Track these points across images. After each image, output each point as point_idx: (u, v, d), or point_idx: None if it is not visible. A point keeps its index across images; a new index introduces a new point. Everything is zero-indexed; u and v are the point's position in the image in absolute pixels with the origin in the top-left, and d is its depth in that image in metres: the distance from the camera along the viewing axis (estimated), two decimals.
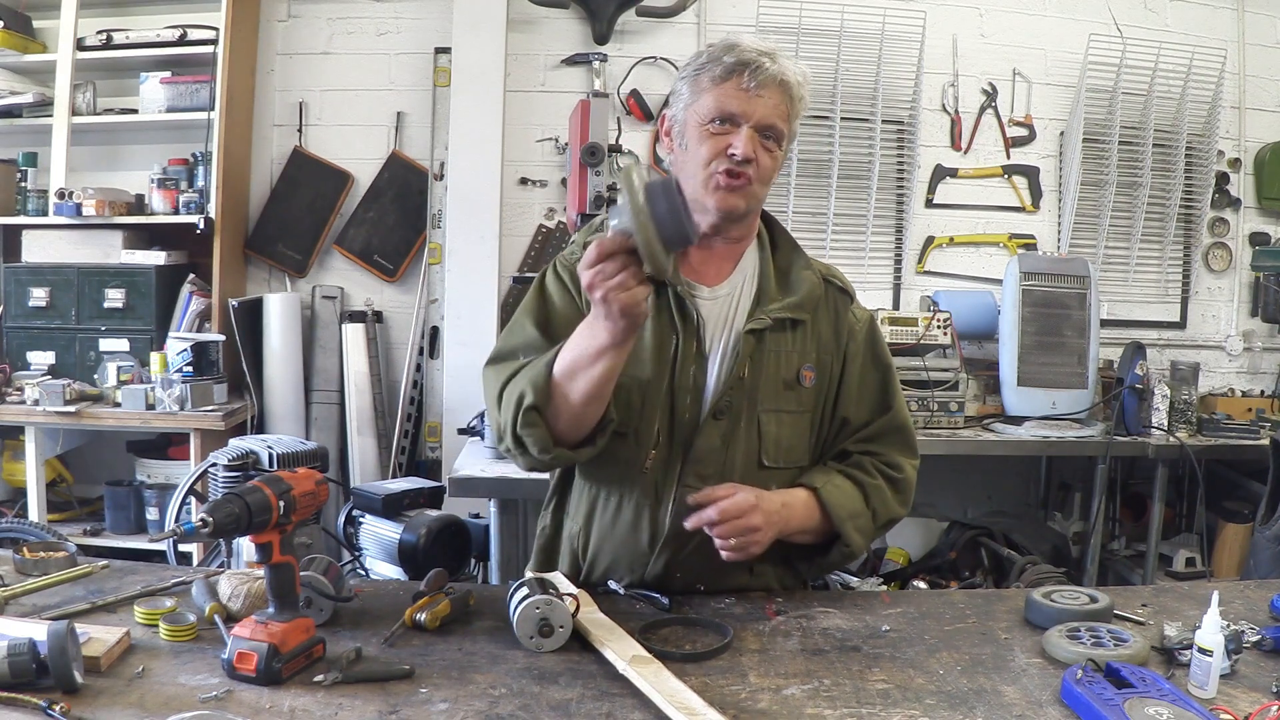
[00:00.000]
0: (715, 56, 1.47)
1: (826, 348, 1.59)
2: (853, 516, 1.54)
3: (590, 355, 1.33)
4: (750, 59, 1.44)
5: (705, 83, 1.47)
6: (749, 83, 1.44)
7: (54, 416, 3.33)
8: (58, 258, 3.68)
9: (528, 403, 1.38)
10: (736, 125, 1.45)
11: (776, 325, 1.53)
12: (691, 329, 1.51)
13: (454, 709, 1.13)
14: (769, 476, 1.53)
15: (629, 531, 1.54)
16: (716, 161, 1.46)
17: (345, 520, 2.19)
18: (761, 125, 1.45)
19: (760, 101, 1.44)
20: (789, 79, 1.46)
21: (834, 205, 3.98)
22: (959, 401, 3.45)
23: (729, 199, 1.47)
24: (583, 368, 1.35)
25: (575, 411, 1.39)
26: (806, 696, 1.19)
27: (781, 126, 1.47)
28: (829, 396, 1.60)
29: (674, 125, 1.53)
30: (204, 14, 3.72)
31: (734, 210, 1.49)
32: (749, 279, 1.58)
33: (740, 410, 1.51)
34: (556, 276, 1.58)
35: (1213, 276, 4.22)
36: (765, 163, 1.47)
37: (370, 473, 3.88)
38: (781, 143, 1.49)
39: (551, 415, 1.40)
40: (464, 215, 3.78)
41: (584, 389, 1.36)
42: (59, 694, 1.11)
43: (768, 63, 1.45)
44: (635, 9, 3.89)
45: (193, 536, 1.19)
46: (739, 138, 1.44)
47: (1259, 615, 1.47)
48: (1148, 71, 4.00)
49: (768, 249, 1.61)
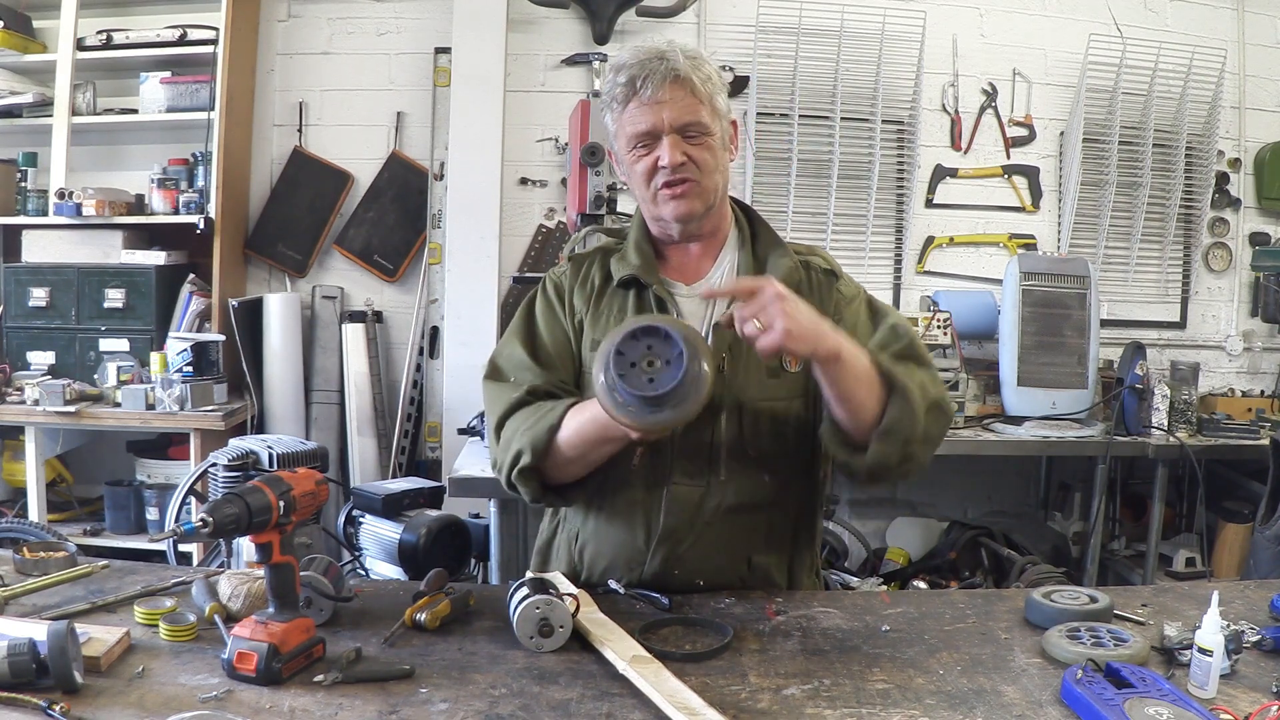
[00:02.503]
0: (613, 84, 1.50)
1: None
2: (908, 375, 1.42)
3: (597, 441, 1.44)
4: (636, 72, 1.46)
5: (616, 111, 1.51)
6: (645, 94, 1.46)
7: (54, 416, 3.33)
8: (58, 258, 3.68)
9: (524, 463, 1.47)
10: (656, 138, 1.47)
11: None
12: None
13: (454, 709, 1.13)
14: (758, 467, 1.53)
15: (624, 530, 1.55)
16: (655, 177, 1.50)
17: (345, 520, 2.19)
18: (677, 127, 1.47)
19: (664, 107, 1.46)
20: (682, 71, 1.46)
21: (834, 205, 3.98)
22: (959, 402, 3.45)
23: (680, 206, 1.51)
24: (589, 449, 1.45)
25: (570, 473, 1.50)
26: (806, 696, 1.19)
27: (699, 118, 1.48)
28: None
29: (615, 152, 1.58)
30: (204, 14, 3.72)
31: (689, 214, 1.53)
32: (728, 273, 1.59)
33: (721, 404, 1.51)
34: (545, 298, 1.63)
35: (1213, 276, 4.22)
36: (702, 157, 1.49)
37: (370, 473, 3.88)
38: (709, 130, 1.49)
39: (546, 470, 1.50)
40: (464, 215, 3.78)
41: (581, 466, 1.48)
42: (59, 694, 1.11)
43: (655, 65, 1.46)
44: (635, 9, 3.89)
45: (193, 536, 1.19)
46: (663, 148, 1.47)
47: (1259, 615, 1.46)
48: (1148, 71, 4.00)
49: (748, 242, 1.61)
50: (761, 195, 3.94)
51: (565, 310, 1.61)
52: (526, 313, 1.63)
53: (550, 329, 1.60)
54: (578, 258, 1.67)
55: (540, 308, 1.62)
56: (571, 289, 1.62)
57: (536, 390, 1.54)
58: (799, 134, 3.93)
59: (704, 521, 1.52)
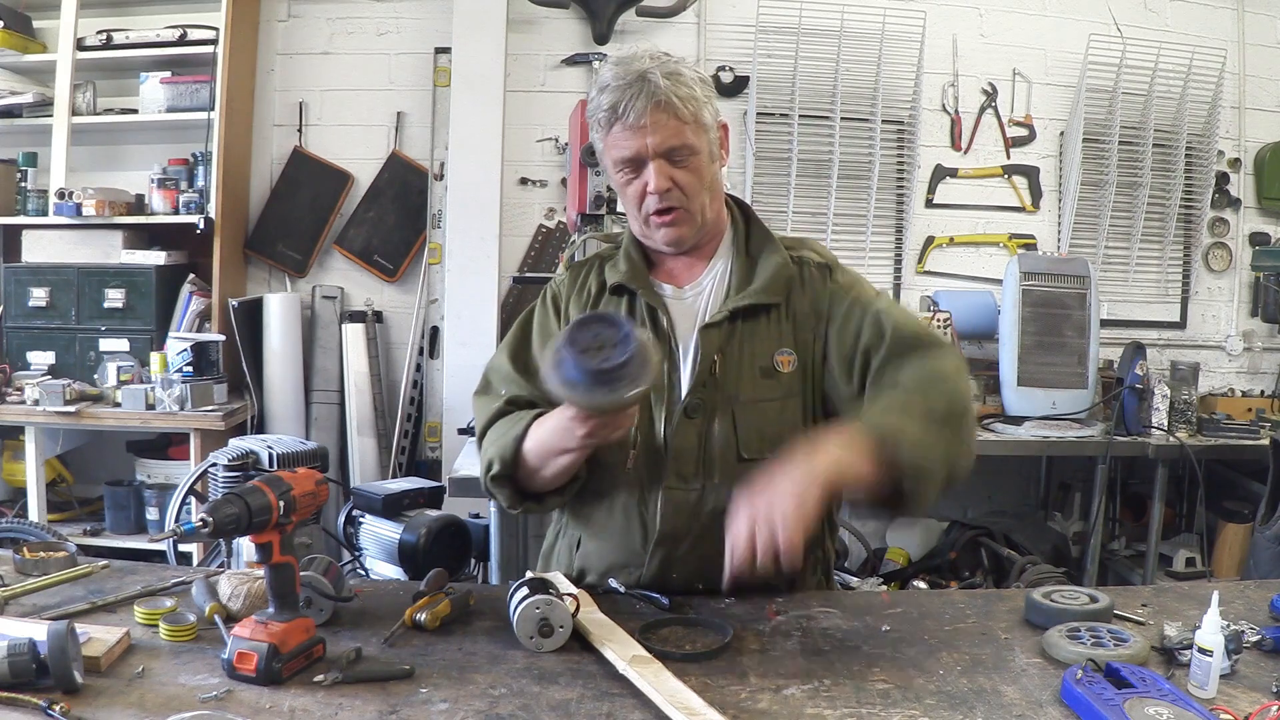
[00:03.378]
0: (596, 104, 1.48)
1: (805, 325, 1.54)
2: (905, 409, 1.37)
3: (555, 451, 1.44)
4: (617, 98, 1.43)
5: (601, 132, 1.49)
6: (628, 119, 1.43)
7: (54, 416, 3.33)
8: (58, 258, 3.68)
9: (494, 472, 1.50)
10: (642, 163, 1.47)
11: (746, 314, 1.52)
12: (662, 332, 1.53)
13: (454, 709, 1.13)
14: (752, 469, 1.52)
15: (621, 533, 1.55)
16: (645, 203, 1.50)
17: (345, 520, 2.19)
18: (661, 152, 1.45)
19: (648, 131, 1.44)
20: (662, 98, 1.42)
21: (834, 205, 3.98)
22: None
23: (670, 234, 1.52)
24: (548, 458, 1.45)
25: (540, 482, 1.51)
26: (806, 696, 1.19)
27: (684, 140, 1.45)
28: (816, 374, 1.55)
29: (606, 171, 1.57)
30: (204, 14, 3.72)
31: (680, 240, 1.54)
32: (720, 275, 1.59)
33: (714, 406, 1.51)
34: (544, 309, 1.65)
35: (1213, 276, 4.22)
36: (687, 180, 1.48)
37: (370, 473, 3.88)
38: (697, 151, 1.47)
39: (519, 479, 1.52)
40: (464, 215, 3.78)
41: (548, 474, 1.48)
42: (59, 694, 1.11)
43: (636, 88, 1.42)
44: (635, 9, 3.89)
45: (193, 536, 1.18)
46: (649, 174, 1.46)
47: (1259, 615, 1.46)
48: (1148, 71, 4.00)
49: (742, 242, 1.61)
50: (761, 195, 3.94)
51: (561, 319, 1.61)
52: (523, 324, 1.65)
53: (544, 339, 1.59)
54: (576, 266, 1.68)
55: (538, 320, 1.64)
56: (568, 297, 1.63)
57: (517, 400, 1.55)
58: (799, 134, 3.93)
59: (701, 524, 1.52)
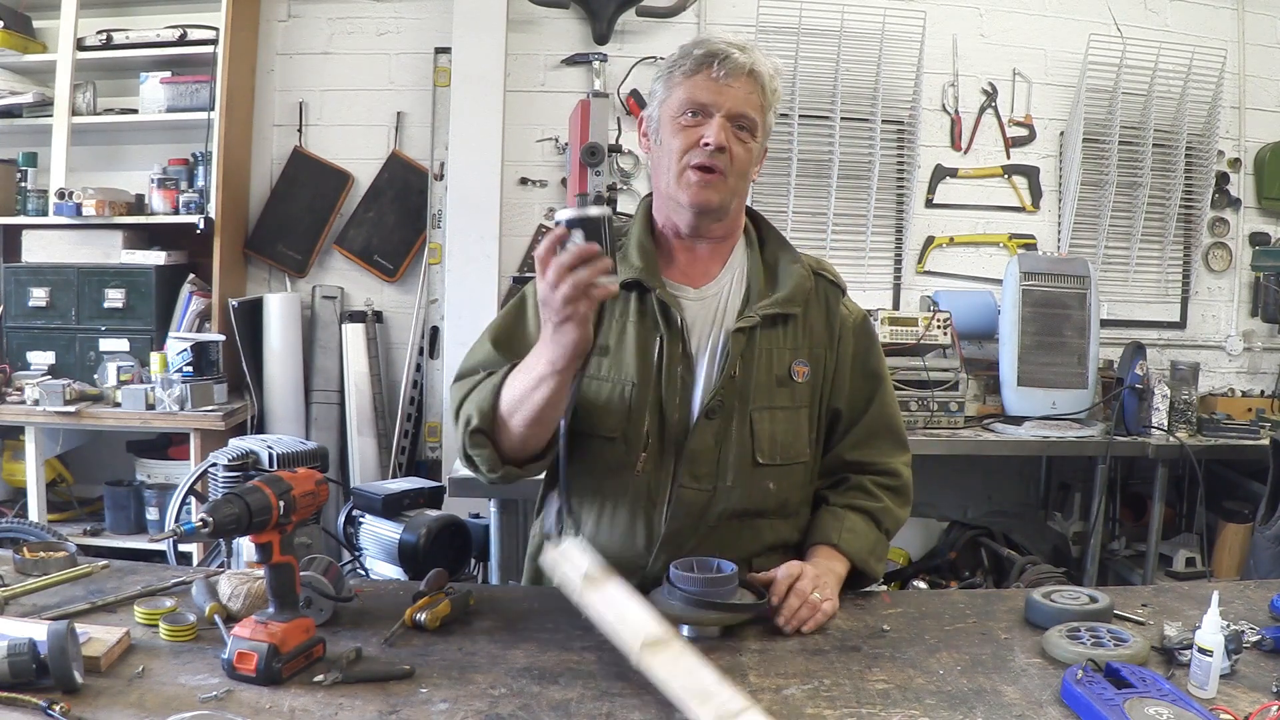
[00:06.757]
0: (686, 52, 1.49)
1: (819, 341, 1.59)
2: (872, 551, 1.58)
3: (532, 382, 1.37)
4: (719, 50, 1.46)
5: (677, 78, 1.49)
6: (718, 73, 1.45)
7: (54, 416, 3.32)
8: (58, 258, 3.68)
9: (473, 426, 1.44)
10: (708, 115, 1.46)
11: (766, 322, 1.53)
12: (676, 331, 1.51)
13: (454, 709, 1.13)
14: (764, 474, 1.53)
15: (625, 535, 1.54)
16: (690, 154, 1.47)
17: (345, 520, 2.19)
18: (733, 114, 1.46)
19: (730, 91, 1.46)
20: (759, 69, 1.48)
21: (834, 205, 3.97)
22: (959, 401, 3.45)
23: (702, 193, 1.48)
24: (525, 395, 1.38)
25: (520, 434, 1.43)
26: (806, 696, 1.19)
27: (754, 116, 1.48)
28: (825, 389, 1.60)
29: (650, 124, 1.55)
30: (204, 14, 3.71)
31: (707, 204, 1.49)
32: (737, 278, 1.58)
33: (732, 409, 1.51)
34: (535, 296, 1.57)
35: (1213, 276, 4.22)
36: (739, 153, 1.48)
37: (370, 473, 3.88)
38: (755, 133, 1.49)
39: (498, 437, 1.45)
40: (464, 215, 3.78)
41: (526, 415, 1.40)
42: (59, 694, 1.11)
43: (737, 54, 1.46)
44: (635, 9, 3.89)
45: (193, 536, 1.18)
46: (711, 127, 1.45)
47: (1259, 615, 1.47)
48: (1148, 71, 4.00)
49: (756, 247, 1.61)
50: (761, 195, 3.94)
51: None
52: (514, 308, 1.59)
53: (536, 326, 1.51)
54: None
55: (531, 313, 1.55)
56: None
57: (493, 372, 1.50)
58: (799, 134, 3.93)
59: (708, 525, 1.52)
